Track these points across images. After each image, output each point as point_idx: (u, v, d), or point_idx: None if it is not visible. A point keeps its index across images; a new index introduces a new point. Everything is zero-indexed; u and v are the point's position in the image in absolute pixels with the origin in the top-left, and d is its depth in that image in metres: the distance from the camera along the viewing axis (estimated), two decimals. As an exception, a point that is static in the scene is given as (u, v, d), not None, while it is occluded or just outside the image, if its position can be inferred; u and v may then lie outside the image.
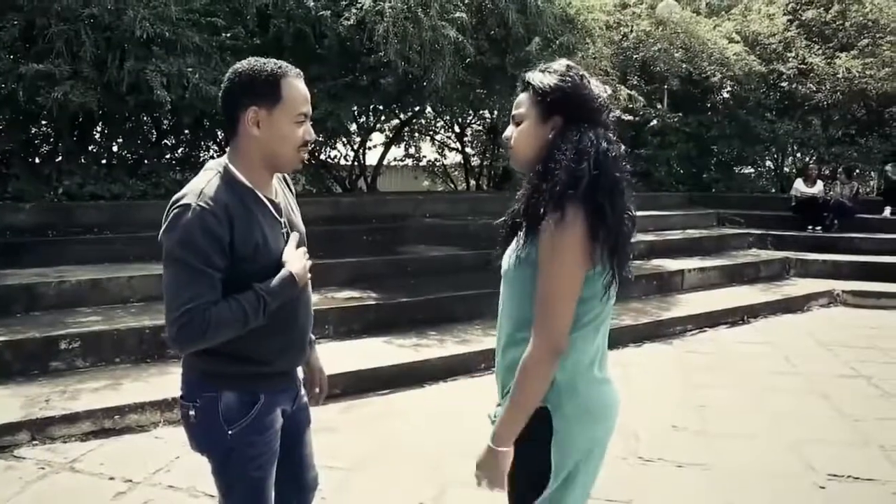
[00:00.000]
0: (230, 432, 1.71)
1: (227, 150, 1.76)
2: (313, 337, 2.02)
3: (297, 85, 1.71)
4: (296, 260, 1.75)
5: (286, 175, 1.93)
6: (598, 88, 1.61)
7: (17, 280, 5.18)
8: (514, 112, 1.64)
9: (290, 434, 1.92)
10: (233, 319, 1.61)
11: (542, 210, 1.51)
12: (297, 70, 1.74)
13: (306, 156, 1.81)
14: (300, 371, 1.99)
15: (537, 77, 1.60)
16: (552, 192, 1.49)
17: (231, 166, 1.70)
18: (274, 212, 1.76)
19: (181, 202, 1.62)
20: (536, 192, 1.54)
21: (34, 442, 3.64)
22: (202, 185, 1.64)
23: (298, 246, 1.82)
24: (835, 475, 3.45)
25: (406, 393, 4.66)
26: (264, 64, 1.69)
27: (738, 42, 12.27)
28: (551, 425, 1.57)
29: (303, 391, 1.99)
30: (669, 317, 6.66)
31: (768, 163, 14.61)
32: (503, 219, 1.70)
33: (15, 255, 5.55)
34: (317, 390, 2.09)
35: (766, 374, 5.24)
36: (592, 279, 1.54)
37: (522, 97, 1.64)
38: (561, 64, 1.62)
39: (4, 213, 5.98)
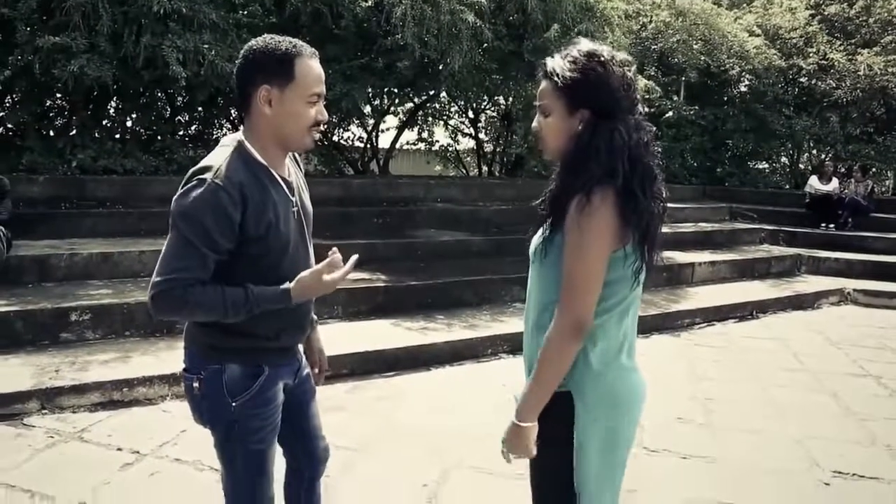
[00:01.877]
0: (234, 404, 1.73)
1: (242, 126, 1.75)
2: (315, 317, 2.02)
3: (311, 65, 1.68)
4: (306, 279, 1.69)
5: (297, 154, 1.92)
6: (623, 69, 1.55)
7: (29, 251, 5.22)
8: (538, 102, 1.61)
9: (296, 407, 1.94)
10: (211, 306, 1.62)
11: (568, 198, 1.51)
12: (313, 50, 1.71)
13: (318, 136, 1.80)
14: (301, 347, 2.00)
15: (559, 67, 1.55)
16: (583, 182, 1.49)
17: (246, 143, 1.69)
18: (287, 190, 1.75)
19: (200, 175, 1.61)
20: (567, 185, 1.54)
21: (44, 411, 3.68)
22: (220, 161, 1.63)
23: (305, 233, 1.81)
24: (839, 472, 3.44)
25: (412, 375, 4.67)
26: (279, 42, 1.66)
27: (758, 35, 12.13)
28: (573, 409, 1.58)
29: (305, 364, 2.01)
30: (678, 309, 6.64)
31: (783, 158, 14.49)
32: (539, 201, 1.69)
33: (28, 227, 5.59)
34: (317, 370, 2.10)
35: (774, 369, 5.22)
36: (618, 261, 1.53)
37: (546, 87, 1.59)
38: (582, 51, 1.55)
39: (18, 185, 6.00)
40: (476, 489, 3.12)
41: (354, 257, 1.78)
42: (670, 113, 12.75)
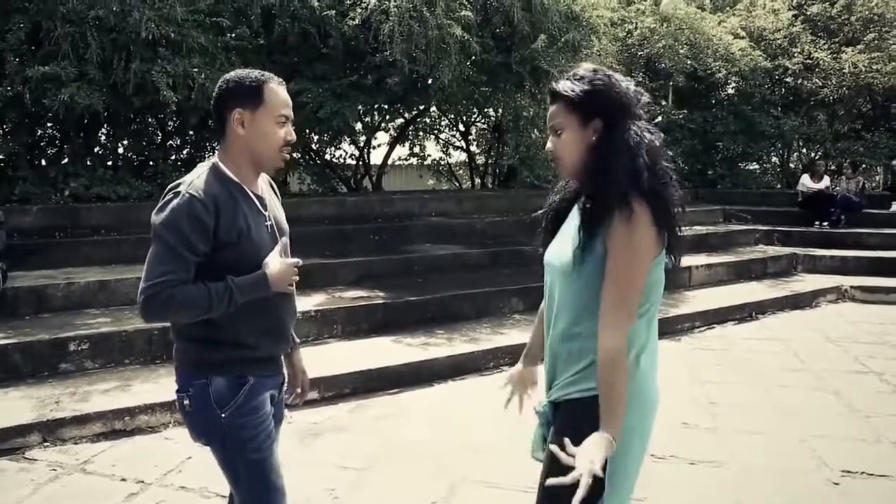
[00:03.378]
0: (223, 415, 1.82)
1: (218, 150, 1.92)
2: (297, 339, 2.12)
3: (278, 90, 1.86)
4: (276, 263, 1.83)
5: (272, 182, 2.09)
6: (626, 82, 1.64)
7: (25, 282, 5.19)
8: (550, 123, 1.67)
9: None
10: (196, 301, 1.73)
11: (608, 209, 1.55)
12: (280, 79, 1.91)
13: (287, 156, 1.94)
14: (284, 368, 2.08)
15: (567, 86, 1.62)
16: (618, 191, 1.54)
17: (220, 163, 1.86)
18: (259, 205, 1.89)
19: (174, 189, 1.78)
20: (598, 194, 1.58)
21: (45, 443, 3.64)
22: (194, 177, 1.80)
23: (284, 252, 1.92)
24: (848, 471, 3.43)
25: (414, 392, 4.65)
26: (249, 73, 1.86)
27: (743, 38, 12.24)
28: (597, 412, 1.57)
29: (285, 386, 2.08)
30: (677, 313, 6.64)
31: (774, 158, 14.57)
32: (542, 211, 1.75)
33: (23, 258, 5.56)
34: (299, 390, 2.17)
35: (776, 370, 5.22)
36: (656, 266, 1.60)
37: (555, 109, 1.65)
38: (587, 69, 1.64)
39: (12, 216, 5.99)
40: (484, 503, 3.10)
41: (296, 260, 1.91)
42: (659, 118, 12.82)
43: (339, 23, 7.02)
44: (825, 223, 10.49)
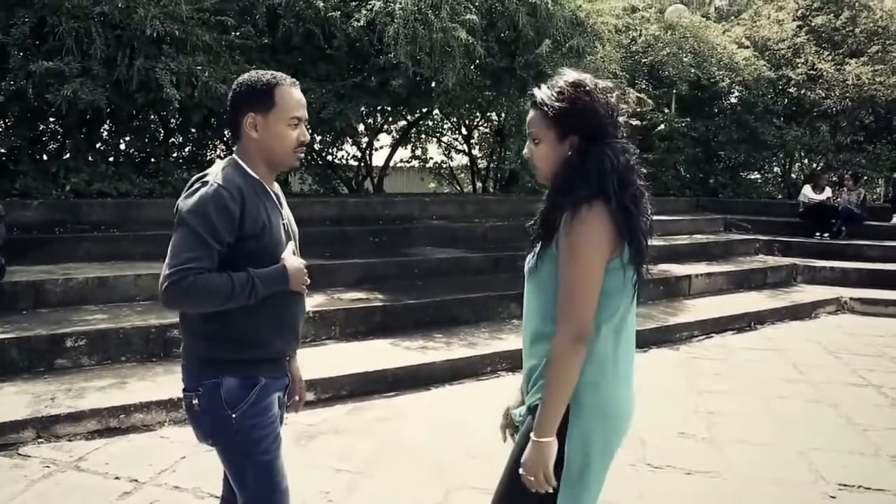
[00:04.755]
0: (233, 416, 1.81)
1: (235, 150, 1.94)
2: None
3: (290, 92, 1.87)
4: (293, 260, 1.87)
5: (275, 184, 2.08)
6: (607, 95, 1.64)
7: (23, 277, 5.18)
8: (529, 130, 1.69)
9: None
10: (219, 289, 1.73)
11: (560, 212, 1.59)
12: (293, 80, 1.91)
13: (302, 155, 1.97)
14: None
15: (547, 98, 1.63)
16: (574, 199, 1.57)
17: (239, 161, 1.89)
18: (277, 202, 1.94)
19: (202, 179, 1.82)
20: (557, 204, 1.61)
21: (39, 440, 3.63)
22: (218, 170, 1.84)
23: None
24: (845, 485, 3.42)
25: (411, 395, 4.64)
26: (262, 75, 1.88)
27: (747, 47, 12.25)
28: (567, 420, 1.60)
29: (288, 389, 2.07)
30: (676, 322, 6.62)
31: (776, 168, 14.57)
32: (532, 221, 1.75)
33: (22, 252, 5.55)
34: (296, 398, 2.15)
35: (774, 381, 5.21)
36: (613, 272, 1.59)
37: (535, 116, 1.67)
38: (568, 81, 1.63)
39: (12, 210, 5.97)
40: (480, 510, 3.08)
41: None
42: (662, 126, 12.83)
43: (343, 24, 7.02)
44: (826, 234, 10.48)
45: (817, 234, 10.53)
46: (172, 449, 3.59)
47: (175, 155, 8.71)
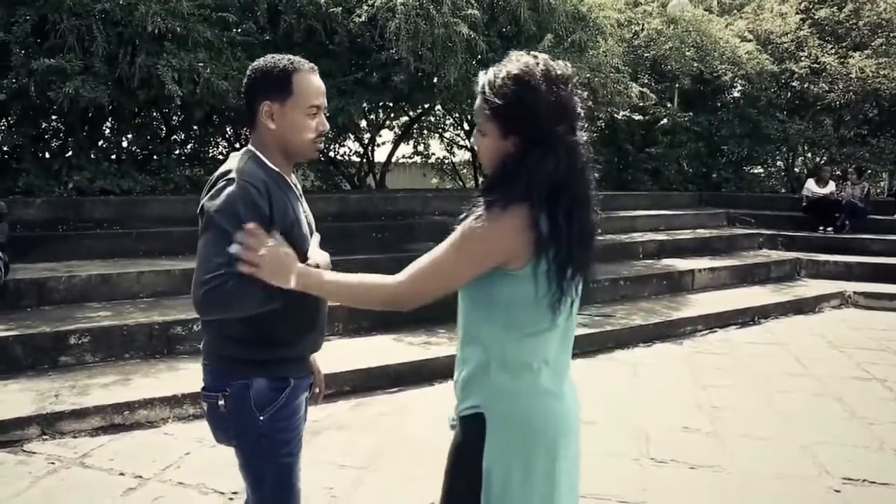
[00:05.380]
0: (262, 418, 1.74)
1: (251, 140, 1.83)
2: None
3: (309, 79, 1.77)
4: (321, 256, 1.80)
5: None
6: (559, 89, 1.46)
7: (27, 274, 5.19)
8: (476, 119, 1.56)
9: None
10: (257, 294, 1.62)
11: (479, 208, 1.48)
12: (311, 65, 1.80)
13: (322, 146, 1.87)
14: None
15: (492, 91, 1.47)
16: (498, 201, 1.44)
17: (257, 152, 1.78)
18: (298, 194, 1.86)
19: (227, 175, 1.69)
20: (485, 203, 1.47)
21: (44, 436, 3.64)
22: (242, 164, 1.73)
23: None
24: (849, 479, 3.41)
25: (415, 391, 4.64)
26: (278, 61, 1.77)
27: (750, 41, 12.19)
28: (484, 430, 1.51)
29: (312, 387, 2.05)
30: (679, 317, 6.61)
31: (779, 162, 14.53)
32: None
33: (25, 250, 5.56)
34: (316, 390, 2.12)
35: (778, 375, 5.20)
36: (519, 281, 1.45)
37: (479, 106, 1.52)
38: (512, 74, 1.45)
39: (15, 208, 5.98)
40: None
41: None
42: (665, 120, 12.80)
43: (345, 19, 7.00)
44: (829, 228, 10.45)
45: (821, 228, 10.50)
46: (176, 445, 3.59)
47: (177, 152, 8.72)
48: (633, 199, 11.34)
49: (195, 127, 8.54)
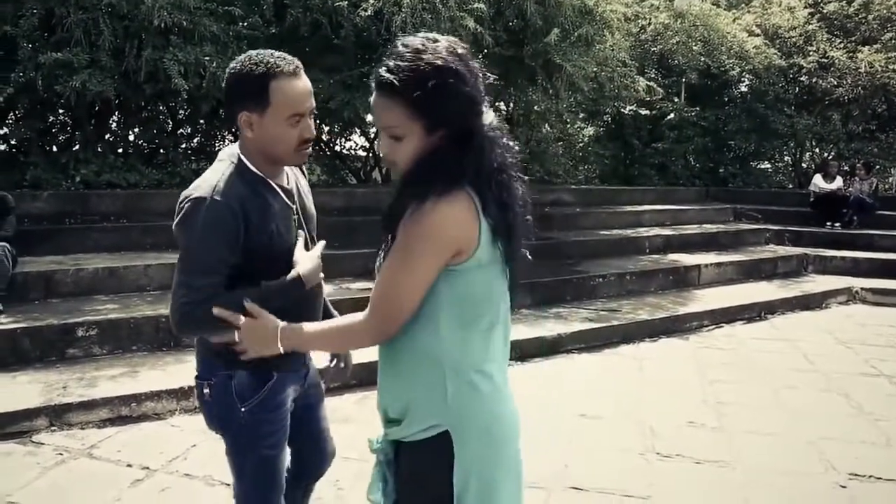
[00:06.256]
0: (243, 409, 1.77)
1: (238, 141, 1.78)
2: (336, 313, 2.07)
3: (289, 85, 1.63)
4: (306, 261, 1.75)
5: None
6: (477, 72, 1.37)
7: (34, 267, 5.21)
8: (385, 124, 1.38)
9: (305, 410, 2.01)
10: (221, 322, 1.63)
11: (404, 206, 1.36)
12: (294, 65, 1.67)
13: (309, 151, 1.79)
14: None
15: (410, 83, 1.31)
16: (422, 193, 1.33)
17: (243, 157, 1.73)
18: (286, 198, 1.79)
19: (194, 195, 1.63)
20: (404, 197, 1.37)
21: (52, 428, 3.66)
22: (216, 178, 1.66)
23: (309, 240, 1.87)
24: (856, 475, 3.40)
25: (421, 385, 4.64)
26: (256, 64, 1.63)
27: (757, 35, 12.13)
28: (451, 447, 1.40)
29: (314, 373, 2.07)
30: (685, 312, 6.60)
31: (786, 158, 14.47)
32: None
33: (33, 243, 5.58)
34: (342, 364, 2.18)
35: (784, 371, 5.18)
36: (470, 272, 1.37)
37: (389, 105, 1.35)
38: (434, 61, 1.31)
39: (22, 201, 6.01)
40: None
41: (322, 243, 1.86)
42: (671, 115, 12.75)
43: (351, 13, 6.99)
44: (837, 224, 10.40)
45: (828, 223, 10.45)
46: (183, 437, 3.61)
47: (183, 146, 8.74)
48: (640, 194, 11.31)
49: (201, 121, 8.55)
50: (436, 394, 1.40)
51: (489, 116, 1.40)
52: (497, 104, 11.62)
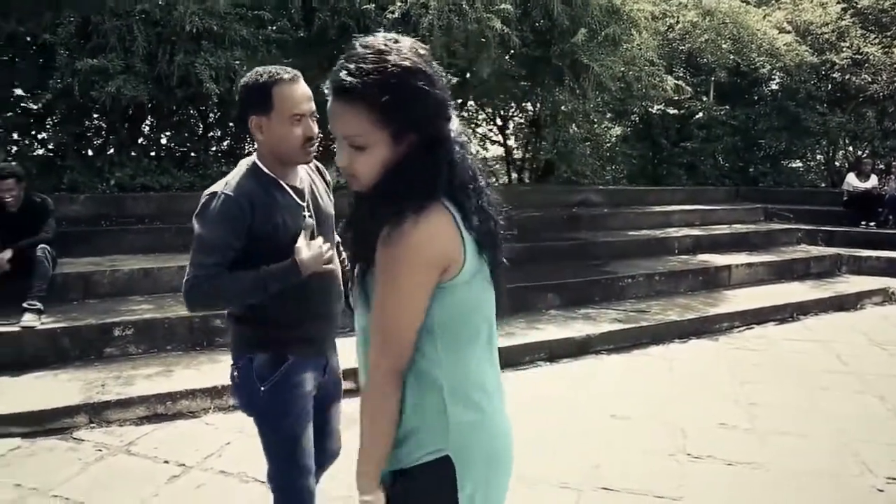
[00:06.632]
0: (262, 389, 1.94)
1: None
2: None
3: (290, 89, 1.90)
4: (304, 249, 1.93)
5: (320, 165, 2.19)
6: (432, 65, 1.28)
7: (73, 269, 5.35)
8: (346, 132, 1.26)
9: (318, 402, 2.09)
10: (230, 290, 1.89)
11: (379, 225, 1.25)
12: (293, 74, 1.92)
13: (314, 149, 2.00)
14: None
15: (374, 92, 1.21)
16: (397, 211, 1.23)
17: (257, 160, 1.99)
18: (295, 196, 1.99)
19: (210, 191, 1.93)
20: (378, 214, 1.26)
21: (92, 424, 3.76)
22: (231, 178, 1.95)
23: (322, 232, 2.03)
24: (893, 478, 3.34)
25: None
26: (259, 75, 1.91)
27: (788, 32, 11.92)
28: (454, 471, 1.32)
29: (334, 366, 2.17)
30: (716, 312, 6.52)
31: (818, 156, 14.19)
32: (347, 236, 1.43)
33: (71, 245, 5.72)
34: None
35: (818, 372, 5.10)
36: (459, 288, 1.29)
37: (350, 112, 1.24)
38: (401, 62, 1.22)
39: (60, 204, 6.16)
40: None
41: (320, 238, 2.02)
42: (700, 114, 12.60)
43: (378, 16, 7.05)
44: (872, 223, 10.18)
45: (863, 223, 10.24)
46: (217, 435, 3.68)
47: (214, 149, 8.87)
48: (669, 194, 11.20)
49: (231, 124, 8.66)
50: (437, 418, 1.32)
51: (455, 121, 1.32)
52: (524, 104, 11.63)
